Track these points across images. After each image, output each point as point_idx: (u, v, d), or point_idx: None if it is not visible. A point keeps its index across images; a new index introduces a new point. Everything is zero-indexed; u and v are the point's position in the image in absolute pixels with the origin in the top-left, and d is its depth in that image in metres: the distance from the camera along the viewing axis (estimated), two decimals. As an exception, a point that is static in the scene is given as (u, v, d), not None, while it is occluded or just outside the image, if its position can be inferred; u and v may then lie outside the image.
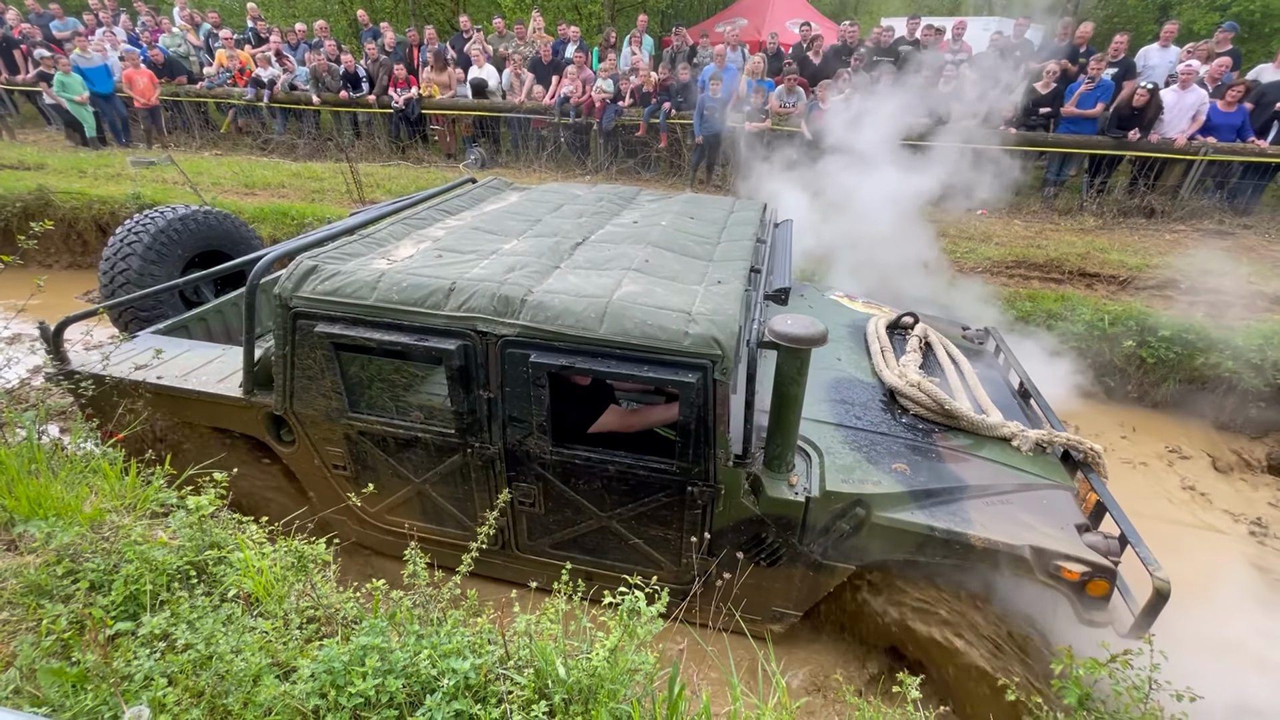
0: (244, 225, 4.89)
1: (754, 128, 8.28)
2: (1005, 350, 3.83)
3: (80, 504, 2.32)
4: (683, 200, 4.00)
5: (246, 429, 3.20)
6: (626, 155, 9.50)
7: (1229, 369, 5.05)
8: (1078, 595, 2.46)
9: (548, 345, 2.49)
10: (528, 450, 2.74)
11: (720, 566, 2.81)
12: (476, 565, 3.06)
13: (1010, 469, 2.83)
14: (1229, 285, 5.69)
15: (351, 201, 7.61)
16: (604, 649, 1.73)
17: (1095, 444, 2.88)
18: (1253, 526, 4.28)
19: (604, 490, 2.77)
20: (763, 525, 2.70)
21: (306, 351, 2.79)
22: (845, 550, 2.68)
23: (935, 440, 2.95)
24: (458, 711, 1.63)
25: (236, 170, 9.23)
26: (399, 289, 2.61)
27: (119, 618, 1.83)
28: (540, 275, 2.71)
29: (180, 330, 3.86)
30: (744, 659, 2.90)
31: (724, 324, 2.42)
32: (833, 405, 3.11)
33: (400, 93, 9.79)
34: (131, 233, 4.24)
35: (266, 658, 1.73)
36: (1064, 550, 2.44)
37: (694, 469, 2.61)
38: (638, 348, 2.42)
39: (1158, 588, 2.29)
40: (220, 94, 10.72)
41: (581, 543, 2.97)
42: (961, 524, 2.53)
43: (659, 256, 2.98)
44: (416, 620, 1.94)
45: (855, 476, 2.66)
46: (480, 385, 2.66)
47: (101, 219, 7.73)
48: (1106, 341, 5.46)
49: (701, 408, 2.46)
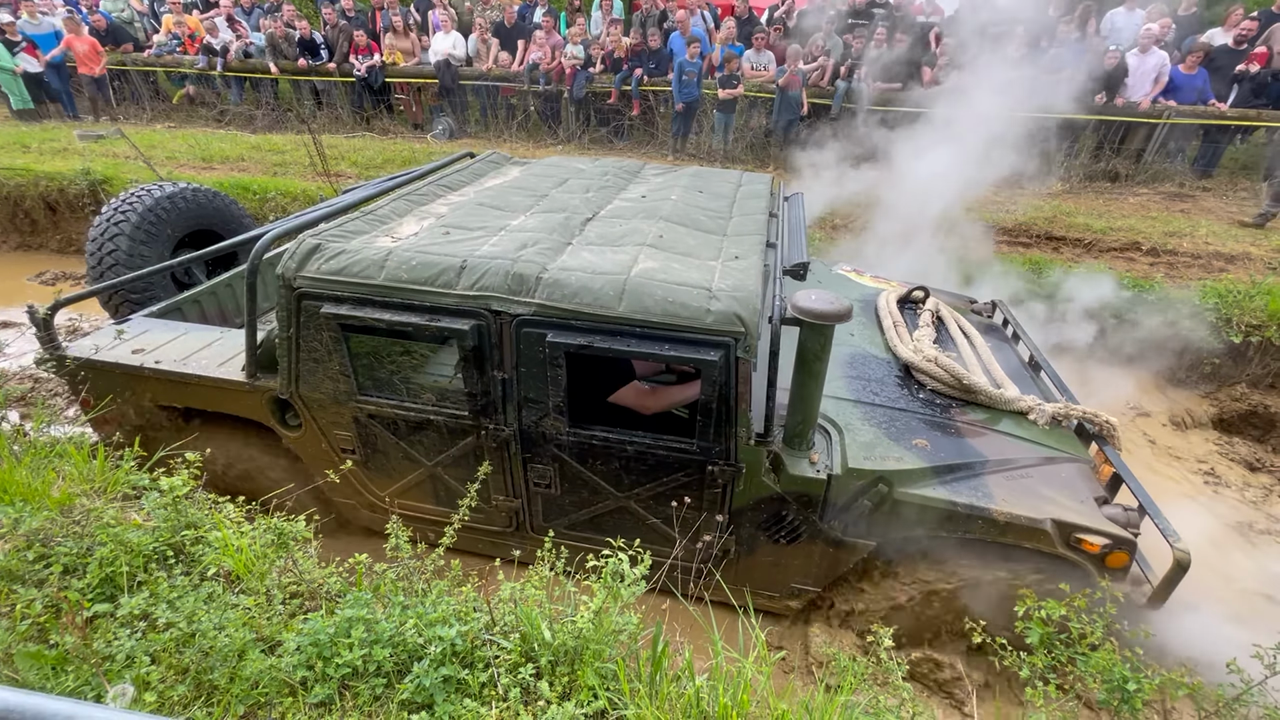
0: (234, 203, 4.72)
1: (727, 94, 8.19)
2: (1014, 323, 3.83)
3: (48, 489, 2.27)
4: (689, 174, 3.94)
5: (250, 414, 3.09)
6: (599, 124, 9.32)
7: (1185, 328, 5.24)
8: (1098, 567, 2.48)
9: (564, 324, 2.44)
10: (544, 431, 2.69)
11: (740, 544, 2.82)
12: (490, 548, 3.08)
13: (1028, 443, 2.83)
14: (1186, 245, 5.86)
15: (316, 174, 7.37)
16: (589, 611, 1.77)
17: (1110, 417, 2.91)
18: (1207, 478, 4.49)
19: (622, 470, 2.74)
20: (783, 503, 2.68)
21: (312, 333, 2.71)
22: (866, 527, 2.67)
23: (953, 415, 2.94)
24: (446, 677, 1.66)
25: (192, 143, 8.85)
26: (408, 267, 2.54)
27: (96, 600, 1.81)
28: (553, 252, 2.65)
29: (174, 313, 3.71)
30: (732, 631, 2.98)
31: (746, 300, 2.39)
32: (849, 381, 3.07)
33: (362, 60, 9.43)
34: (118, 212, 4.05)
35: (250, 633, 1.73)
36: (1085, 523, 2.45)
37: (715, 447, 2.57)
38: (658, 325, 2.37)
39: (1178, 559, 2.30)
40: (170, 62, 10.21)
41: (598, 523, 2.92)
42: (984, 499, 2.53)
43: (673, 232, 2.93)
44: (401, 592, 1.96)
45: (877, 453, 2.64)
46: (494, 366, 2.60)
47: (49, 196, 7.38)
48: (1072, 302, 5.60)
49: (724, 385, 2.42)
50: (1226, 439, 4.92)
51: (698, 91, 8.28)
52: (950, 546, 2.64)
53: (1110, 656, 1.67)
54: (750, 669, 1.76)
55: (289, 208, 6.96)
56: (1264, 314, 5.05)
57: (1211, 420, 5.07)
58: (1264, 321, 5.03)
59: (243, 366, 2.97)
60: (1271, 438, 4.91)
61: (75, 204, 7.33)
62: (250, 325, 2.84)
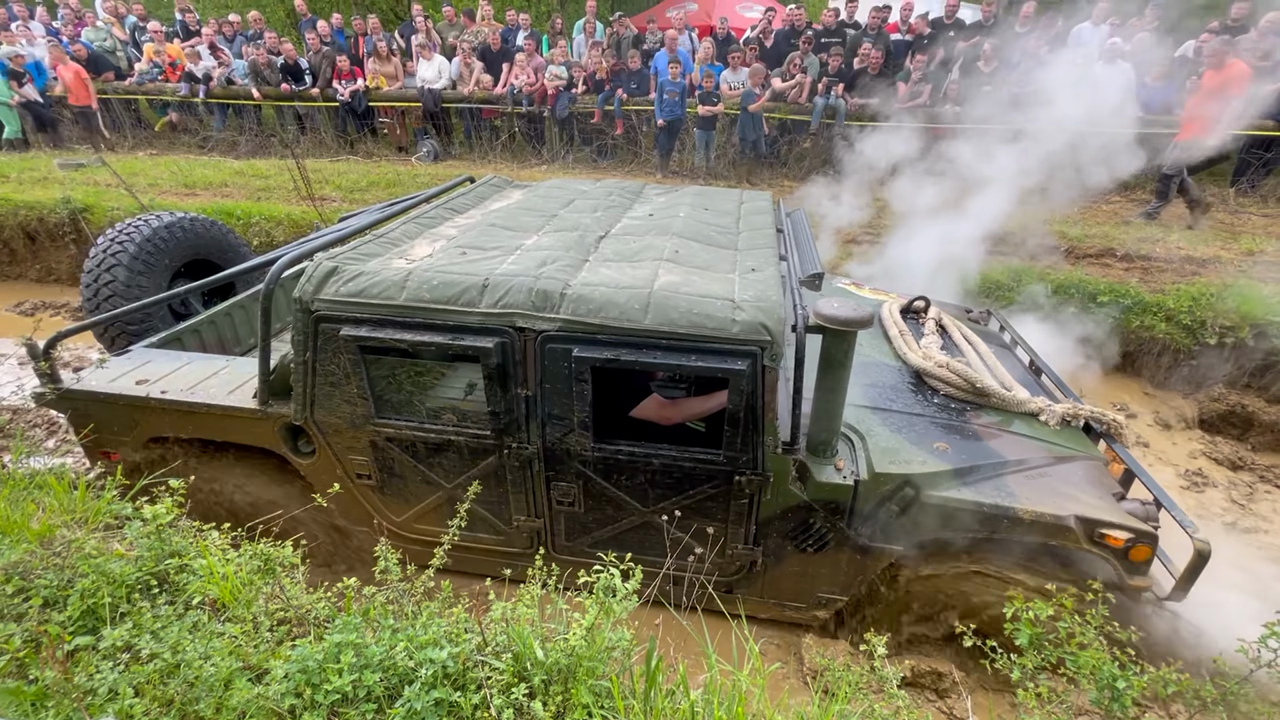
0: (231, 232, 4.70)
1: (706, 111, 8.32)
2: (1010, 329, 3.91)
3: (27, 521, 2.23)
4: (692, 193, 4.01)
5: (260, 442, 3.03)
6: (583, 143, 9.42)
7: (1162, 330, 5.34)
8: (1121, 561, 2.52)
9: (591, 339, 2.45)
10: (568, 448, 2.68)
11: (767, 555, 2.81)
12: (512, 570, 3.02)
13: (1042, 443, 2.88)
14: (1159, 251, 5.99)
15: (300, 199, 7.37)
16: (581, 628, 1.76)
17: (1117, 415, 2.98)
18: (1194, 478, 4.56)
19: (647, 485, 2.73)
20: (810, 511, 2.69)
21: (330, 356, 2.68)
22: (893, 532, 2.68)
23: (969, 418, 2.98)
24: (437, 700, 1.63)
25: (174, 170, 8.83)
26: (430, 287, 2.54)
27: (77, 632, 1.77)
28: (573, 269, 2.67)
29: (174, 343, 3.67)
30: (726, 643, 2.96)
31: (770, 310, 2.42)
32: (864, 389, 3.10)
33: (345, 85, 9.49)
34: (115, 242, 4.01)
35: (237, 661, 1.70)
36: (1108, 518, 2.49)
37: (742, 457, 2.57)
38: (685, 337, 2.39)
39: (1199, 549, 2.32)
40: (152, 90, 10.21)
41: (622, 540, 2.89)
42: (1008, 498, 2.56)
43: (687, 247, 2.97)
44: (390, 615, 1.93)
45: (901, 457, 2.66)
46: (518, 383, 2.59)
47: (29, 225, 7.31)
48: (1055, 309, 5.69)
49: (751, 395, 2.44)
50: (1210, 439, 5.01)
51: (680, 110, 8.41)
52: (977, 547, 2.65)
53: (1099, 655, 1.68)
54: (745, 681, 1.76)
55: (273, 232, 6.95)
56: (1236, 316, 5.17)
57: (1194, 421, 5.16)
58: (1237, 323, 5.15)
59: (254, 394, 2.92)
60: (1250, 436, 5.00)
61: (55, 233, 7.27)
62: (264, 350, 2.81)
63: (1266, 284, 5.40)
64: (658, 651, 1.79)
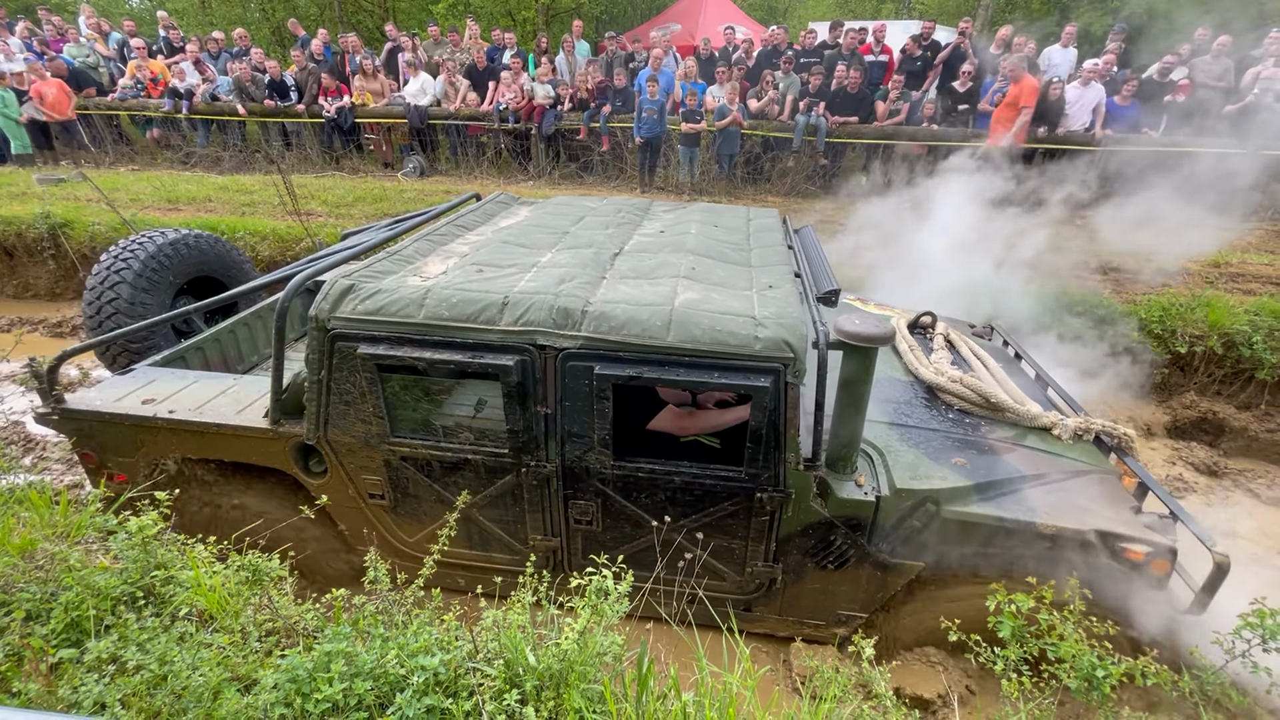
0: (235, 249, 4.65)
1: (689, 128, 8.46)
2: (1013, 344, 3.96)
3: (7, 536, 2.19)
4: (699, 209, 4.04)
5: (271, 462, 2.97)
6: (569, 159, 9.52)
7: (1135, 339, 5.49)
8: (1140, 575, 2.51)
9: (613, 356, 2.44)
10: (587, 466, 2.66)
11: (788, 572, 2.79)
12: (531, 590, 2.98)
13: (1057, 457, 2.88)
14: (1130, 264, 6.17)
15: (286, 214, 7.34)
16: (573, 633, 1.77)
17: (1127, 429, 3.00)
18: (1176, 483, 4.67)
19: (667, 502, 2.71)
20: (831, 528, 2.68)
21: (345, 375, 2.64)
22: (914, 547, 2.68)
23: (984, 433, 2.98)
24: (429, 707, 1.63)
25: (157, 185, 8.76)
26: (449, 305, 2.52)
27: (61, 645, 1.75)
28: (591, 286, 2.67)
29: (178, 361, 3.59)
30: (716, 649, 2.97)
31: (792, 326, 2.43)
32: (880, 405, 3.07)
33: (331, 101, 9.53)
34: (119, 259, 3.95)
35: (225, 672, 1.69)
36: (1128, 532, 2.50)
37: (764, 474, 2.57)
38: (708, 354, 2.39)
39: (1218, 562, 2.32)
40: (135, 106, 10.16)
41: (640, 558, 2.83)
42: (1027, 513, 2.56)
43: (703, 264, 2.97)
44: (381, 624, 1.93)
45: (921, 473, 2.66)
46: (537, 401, 2.58)
47: (6, 241, 7.21)
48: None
49: (773, 411, 2.44)
50: (1185, 444, 5.13)
51: (660, 127, 8.54)
52: (997, 562, 2.63)
53: (1078, 645, 1.73)
54: (736, 683, 1.77)
55: (259, 247, 6.91)
56: (1204, 325, 5.33)
57: (1166, 428, 5.29)
58: (1205, 332, 5.31)
59: (265, 413, 2.87)
60: (1222, 441, 5.13)
61: (34, 248, 7.17)
62: (277, 369, 2.75)
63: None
64: (649, 656, 1.80)
